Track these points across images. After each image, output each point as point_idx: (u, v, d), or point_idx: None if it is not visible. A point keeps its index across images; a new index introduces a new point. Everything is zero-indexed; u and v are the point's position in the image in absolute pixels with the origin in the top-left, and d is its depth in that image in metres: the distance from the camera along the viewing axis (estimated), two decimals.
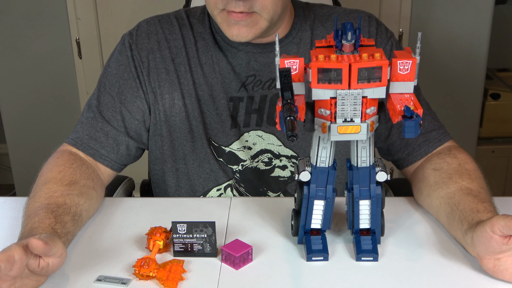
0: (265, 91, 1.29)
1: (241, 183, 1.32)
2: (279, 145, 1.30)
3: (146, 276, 0.98)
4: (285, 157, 1.31)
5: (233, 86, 1.28)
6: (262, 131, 1.30)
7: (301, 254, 1.06)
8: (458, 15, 2.38)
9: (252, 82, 1.28)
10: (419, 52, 0.92)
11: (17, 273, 0.90)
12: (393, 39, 1.33)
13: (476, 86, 2.49)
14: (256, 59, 1.28)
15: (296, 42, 1.30)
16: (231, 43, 1.28)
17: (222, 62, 1.28)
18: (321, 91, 0.91)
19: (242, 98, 1.29)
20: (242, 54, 1.28)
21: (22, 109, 2.48)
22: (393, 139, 1.29)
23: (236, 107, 1.29)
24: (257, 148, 1.30)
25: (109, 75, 1.30)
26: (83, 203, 1.13)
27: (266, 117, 1.29)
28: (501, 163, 2.67)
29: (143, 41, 1.29)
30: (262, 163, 1.31)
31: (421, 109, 0.90)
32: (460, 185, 1.12)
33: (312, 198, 1.01)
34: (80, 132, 1.27)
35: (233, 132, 1.29)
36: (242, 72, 1.28)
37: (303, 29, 1.31)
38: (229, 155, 1.30)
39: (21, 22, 2.37)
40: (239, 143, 1.30)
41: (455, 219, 1.06)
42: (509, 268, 0.95)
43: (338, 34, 0.91)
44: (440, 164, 1.20)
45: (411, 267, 1.02)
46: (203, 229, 1.03)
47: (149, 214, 1.19)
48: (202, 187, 1.32)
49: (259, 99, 1.29)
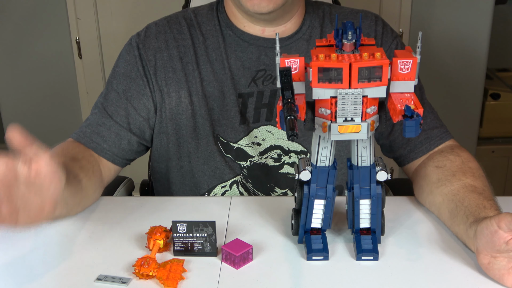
0: (275, 86, 1.29)
1: (249, 179, 1.32)
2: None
3: (146, 275, 0.98)
4: (294, 153, 1.31)
5: (242, 82, 1.29)
6: (272, 126, 1.30)
7: (301, 253, 1.06)
8: (458, 15, 2.38)
9: (263, 76, 1.29)
10: (420, 52, 0.92)
11: (7, 183, 0.82)
12: (398, 39, 1.35)
13: (476, 86, 2.49)
14: (266, 53, 1.29)
15: (306, 39, 1.31)
16: (242, 37, 1.29)
17: (231, 58, 1.29)
18: (322, 91, 0.91)
19: (252, 94, 1.29)
20: (253, 48, 1.29)
21: (22, 109, 2.48)
22: (395, 135, 1.30)
23: (245, 104, 1.29)
24: (266, 144, 1.31)
25: (117, 74, 1.31)
26: (83, 177, 1.13)
27: (275, 112, 1.29)
28: (501, 163, 2.67)
29: (150, 40, 1.30)
30: (271, 159, 1.31)
31: (421, 109, 0.90)
32: (464, 182, 1.12)
33: (312, 197, 1.01)
34: (84, 127, 1.28)
35: (242, 128, 1.30)
36: (253, 67, 1.29)
37: (313, 26, 1.32)
38: (237, 151, 1.31)
39: (21, 22, 2.38)
40: (248, 139, 1.30)
41: (459, 214, 1.06)
42: (501, 269, 0.95)
43: (339, 34, 0.91)
44: (443, 161, 1.20)
45: (412, 266, 1.02)
46: (203, 228, 1.03)
47: (149, 213, 1.19)
48: (207, 184, 1.32)
49: (269, 94, 1.29)
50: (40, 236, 1.12)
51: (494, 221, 0.93)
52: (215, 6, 1.34)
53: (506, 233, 0.92)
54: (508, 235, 0.92)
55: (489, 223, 0.94)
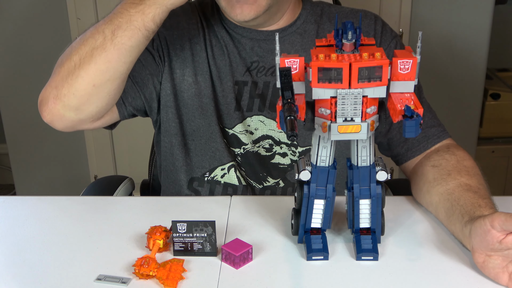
0: (268, 78, 1.31)
1: (242, 166, 1.34)
2: (279, 131, 1.32)
3: (146, 275, 0.98)
4: (285, 145, 1.33)
5: (239, 69, 1.32)
6: (264, 117, 1.32)
7: (301, 253, 1.06)
8: (458, 15, 2.38)
9: (256, 68, 1.32)
10: (420, 52, 0.92)
11: None
12: (397, 39, 1.35)
13: (476, 86, 2.49)
14: (259, 45, 1.31)
15: (300, 33, 1.33)
16: (237, 30, 1.32)
17: (229, 46, 1.32)
18: (322, 91, 0.91)
19: (247, 82, 1.32)
20: (246, 40, 1.32)
21: (22, 109, 2.48)
22: (393, 133, 1.30)
23: (241, 91, 1.31)
24: (258, 133, 1.33)
25: None
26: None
27: (268, 103, 1.31)
28: (501, 163, 2.67)
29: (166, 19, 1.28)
30: (263, 149, 1.33)
31: (421, 109, 0.90)
32: (459, 181, 1.13)
33: (312, 197, 1.01)
34: None
35: (236, 115, 1.32)
36: (248, 57, 1.32)
37: (308, 21, 1.34)
38: (232, 137, 1.33)
39: (21, 22, 2.38)
40: (242, 126, 1.32)
41: (455, 213, 1.07)
42: (496, 268, 0.96)
43: (339, 33, 0.91)
44: (439, 161, 1.20)
45: (412, 266, 1.02)
46: (203, 228, 1.03)
47: (149, 213, 1.19)
48: (208, 164, 1.34)
49: (262, 85, 1.31)
50: (40, 236, 1.12)
51: (488, 220, 0.93)
52: (216, 3, 1.35)
53: (499, 232, 0.93)
54: (501, 234, 0.92)
55: (482, 223, 0.95)
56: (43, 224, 1.17)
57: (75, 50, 1.14)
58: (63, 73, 1.14)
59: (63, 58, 1.16)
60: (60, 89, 1.15)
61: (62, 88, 1.15)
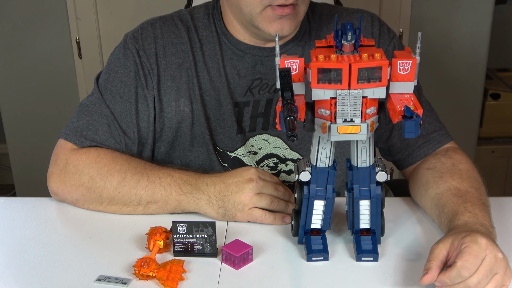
0: (271, 95, 1.27)
1: None
2: (285, 148, 1.29)
3: (146, 276, 0.98)
4: (291, 161, 1.30)
5: (238, 91, 1.27)
6: (268, 135, 1.28)
7: (301, 254, 1.06)
8: (458, 15, 2.38)
9: (258, 85, 1.27)
10: (419, 52, 0.92)
11: None
12: (395, 39, 1.33)
13: (476, 86, 2.49)
14: (262, 62, 1.27)
15: (302, 45, 1.28)
16: (238, 46, 1.26)
17: (227, 66, 1.26)
18: (321, 91, 0.91)
19: (248, 103, 1.27)
20: (248, 58, 1.26)
21: (22, 109, 2.48)
22: (394, 140, 1.29)
23: (241, 113, 1.27)
24: (262, 152, 1.29)
25: (115, 80, 1.25)
26: None
27: (272, 120, 1.28)
28: (501, 163, 2.67)
29: (149, 46, 1.25)
30: (267, 168, 1.30)
31: (421, 109, 0.90)
32: (450, 185, 1.13)
33: (312, 198, 1.01)
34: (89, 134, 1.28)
35: (238, 138, 1.28)
36: (248, 75, 1.27)
37: (307, 31, 1.29)
38: (234, 160, 1.29)
39: (21, 22, 2.37)
40: (245, 148, 1.29)
41: (442, 221, 1.10)
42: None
43: (338, 34, 0.91)
44: (434, 163, 1.20)
45: (411, 267, 1.02)
46: (203, 229, 1.03)
47: (150, 214, 1.19)
48: None
49: (265, 103, 1.27)
50: (40, 237, 1.12)
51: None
52: (210, 11, 1.29)
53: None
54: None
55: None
56: (43, 224, 1.17)
57: (106, 190, 1.17)
58: (89, 197, 1.19)
59: (92, 183, 1.18)
60: (81, 203, 1.21)
61: (83, 204, 1.21)
